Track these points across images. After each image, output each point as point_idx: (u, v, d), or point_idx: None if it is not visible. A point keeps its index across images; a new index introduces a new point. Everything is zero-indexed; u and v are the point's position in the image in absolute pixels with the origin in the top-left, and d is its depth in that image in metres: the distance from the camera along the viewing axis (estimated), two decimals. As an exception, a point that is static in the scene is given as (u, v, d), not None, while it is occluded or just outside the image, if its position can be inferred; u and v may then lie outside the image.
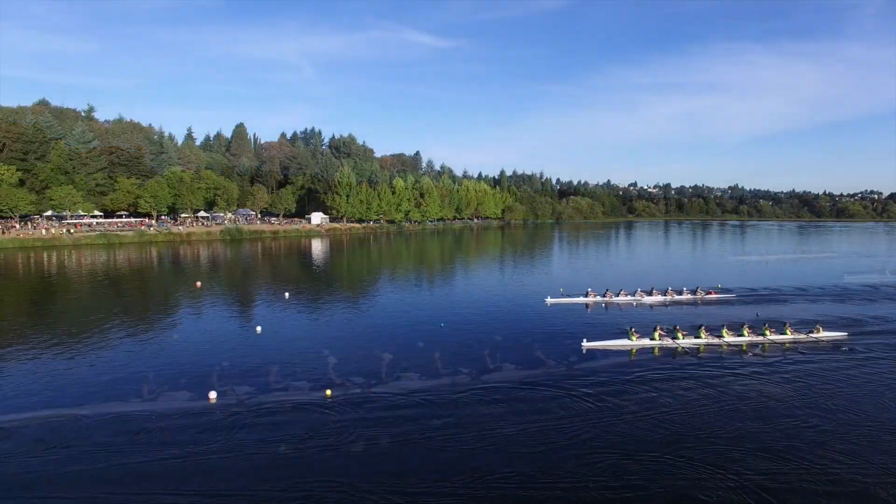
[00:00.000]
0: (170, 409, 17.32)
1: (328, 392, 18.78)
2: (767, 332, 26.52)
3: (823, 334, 26.80)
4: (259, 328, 27.98)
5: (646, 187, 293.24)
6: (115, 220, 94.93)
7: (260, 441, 15.22)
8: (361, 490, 12.69)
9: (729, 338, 26.06)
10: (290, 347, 25.12)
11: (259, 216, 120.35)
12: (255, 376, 20.63)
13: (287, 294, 38.21)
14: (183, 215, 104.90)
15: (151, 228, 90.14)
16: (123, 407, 17.52)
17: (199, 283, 42.98)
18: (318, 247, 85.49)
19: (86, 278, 47.21)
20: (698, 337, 25.99)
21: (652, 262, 68.97)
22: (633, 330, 25.90)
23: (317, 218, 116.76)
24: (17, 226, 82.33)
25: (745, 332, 26.44)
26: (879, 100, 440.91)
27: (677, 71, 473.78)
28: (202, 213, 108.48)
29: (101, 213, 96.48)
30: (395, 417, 16.92)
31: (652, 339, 25.60)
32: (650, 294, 38.25)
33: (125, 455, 14.34)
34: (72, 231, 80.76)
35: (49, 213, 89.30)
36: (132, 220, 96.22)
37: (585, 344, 24.98)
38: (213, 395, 18.30)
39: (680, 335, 25.78)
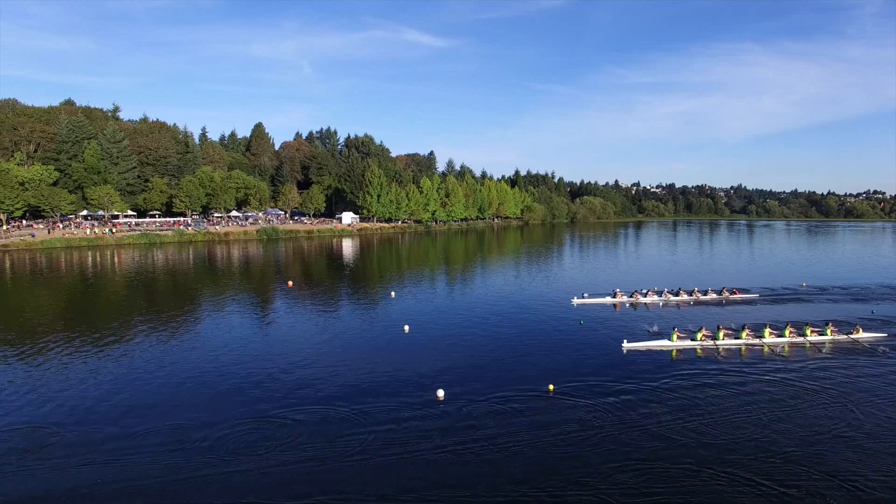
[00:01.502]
0: (405, 408, 17.03)
1: (551, 387, 18.57)
2: (808, 333, 26.42)
3: (863, 335, 26.66)
4: (406, 327, 27.60)
5: (649, 187, 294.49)
6: (151, 219, 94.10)
7: (501, 437, 15.05)
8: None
9: (769, 338, 25.74)
10: (453, 344, 24.97)
11: (289, 216, 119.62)
12: (458, 374, 20.41)
13: (393, 293, 37.80)
14: (216, 215, 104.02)
15: (189, 228, 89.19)
16: (357, 406, 17.23)
17: (290, 283, 42.46)
18: (356, 246, 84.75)
19: (169, 277, 46.27)
20: (738, 337, 25.73)
21: (677, 261, 69.08)
22: (675, 330, 25.67)
23: (347, 218, 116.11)
24: (61, 225, 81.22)
25: (767, 333, 26.03)
26: (879, 100, 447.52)
27: (677, 71, 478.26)
28: (234, 213, 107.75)
29: (134, 213, 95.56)
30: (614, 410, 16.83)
31: (717, 339, 25.31)
32: (677, 294, 37.24)
33: (372, 455, 14.04)
34: (113, 231, 79.76)
35: (84, 212, 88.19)
36: (169, 219, 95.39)
37: (626, 345, 24.58)
38: (440, 393, 17.98)
39: (721, 334, 25.44)
